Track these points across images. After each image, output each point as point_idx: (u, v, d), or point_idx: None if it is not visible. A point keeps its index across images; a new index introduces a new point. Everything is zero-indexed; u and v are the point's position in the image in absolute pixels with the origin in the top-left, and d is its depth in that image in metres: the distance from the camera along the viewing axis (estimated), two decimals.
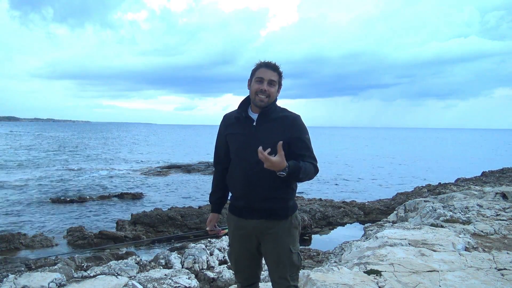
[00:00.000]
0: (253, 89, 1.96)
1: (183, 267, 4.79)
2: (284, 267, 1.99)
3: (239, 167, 2.01)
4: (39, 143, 46.45)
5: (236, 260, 2.16)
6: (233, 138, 2.04)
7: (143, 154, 35.01)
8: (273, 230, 1.98)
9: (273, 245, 2.00)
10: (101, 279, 3.51)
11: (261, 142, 1.83)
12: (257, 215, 1.98)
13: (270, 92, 1.95)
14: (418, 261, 3.29)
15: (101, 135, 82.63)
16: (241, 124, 2.02)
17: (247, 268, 2.16)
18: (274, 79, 1.97)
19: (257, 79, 1.96)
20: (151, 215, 9.66)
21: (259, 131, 1.96)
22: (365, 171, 24.81)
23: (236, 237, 2.11)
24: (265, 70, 1.96)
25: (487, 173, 16.59)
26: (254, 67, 2.01)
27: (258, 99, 1.95)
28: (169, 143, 56.64)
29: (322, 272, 3.08)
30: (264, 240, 2.01)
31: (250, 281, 2.19)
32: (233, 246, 2.16)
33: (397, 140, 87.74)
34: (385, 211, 11.04)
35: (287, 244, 2.00)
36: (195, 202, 13.27)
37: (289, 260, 1.99)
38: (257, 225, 1.99)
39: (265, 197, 1.95)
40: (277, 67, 1.98)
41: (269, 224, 1.98)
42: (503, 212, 5.51)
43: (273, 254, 2.01)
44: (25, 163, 24.90)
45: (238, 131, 2.02)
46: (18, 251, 7.89)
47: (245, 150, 1.96)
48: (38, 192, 14.79)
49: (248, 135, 1.97)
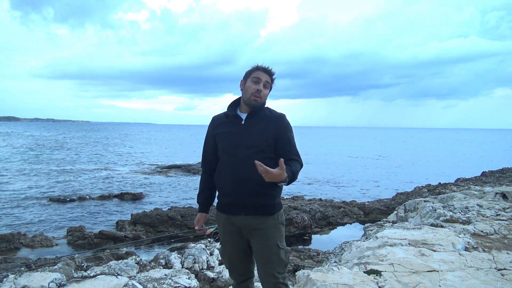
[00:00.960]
0: (250, 89, 2.07)
1: (183, 267, 4.79)
2: (272, 263, 2.04)
3: (228, 164, 2.07)
4: (39, 143, 46.44)
5: (229, 257, 2.21)
6: (222, 137, 2.12)
7: (143, 154, 35.02)
8: (261, 226, 2.04)
9: (261, 241, 2.05)
10: (101, 279, 3.51)
11: (250, 139, 2.00)
12: (246, 211, 2.04)
13: (263, 93, 2.08)
14: (418, 261, 3.29)
15: (101, 134, 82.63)
16: (231, 122, 2.11)
17: (240, 264, 2.21)
18: (269, 81, 2.12)
19: (254, 79, 2.08)
20: (151, 215, 9.66)
21: (248, 129, 2.06)
22: (365, 171, 24.81)
23: (227, 235, 2.16)
24: (262, 73, 2.09)
25: (487, 173, 16.59)
26: (250, 69, 2.13)
27: (253, 99, 2.06)
28: (169, 143, 56.64)
29: (322, 272, 3.08)
30: (253, 237, 2.07)
31: (245, 276, 2.24)
32: (225, 243, 2.20)
33: (397, 140, 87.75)
34: (385, 211, 11.04)
35: (275, 240, 2.06)
36: (195, 202, 13.24)
37: (277, 256, 2.05)
38: (246, 221, 2.05)
39: (254, 193, 2.01)
40: (273, 72, 2.12)
41: (257, 220, 2.04)
42: (503, 212, 5.51)
43: (261, 250, 2.06)
44: (25, 163, 24.91)
45: (227, 130, 2.11)
46: (18, 251, 7.89)
47: (234, 147, 2.05)
48: (38, 192, 14.79)
49: (237, 133, 2.06)
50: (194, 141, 60.17)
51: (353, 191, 16.98)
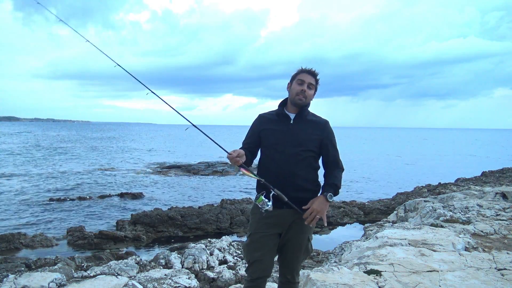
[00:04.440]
0: (295, 90, 2.22)
1: (183, 267, 4.79)
2: (299, 253, 2.24)
3: (275, 159, 2.19)
4: (39, 143, 46.45)
5: (257, 249, 2.21)
6: (270, 133, 2.24)
7: (143, 154, 35.01)
8: (300, 220, 2.15)
9: (297, 233, 2.21)
10: (101, 279, 3.51)
11: (297, 138, 2.16)
12: (288, 205, 2.13)
13: (308, 93, 2.21)
14: (418, 261, 3.29)
15: (101, 134, 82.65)
16: (280, 121, 2.25)
17: (265, 258, 2.22)
18: (313, 83, 2.24)
19: (298, 81, 2.22)
20: (151, 215, 9.65)
21: (296, 128, 2.21)
22: (365, 171, 24.81)
23: (263, 226, 2.21)
24: (306, 74, 2.23)
25: (487, 173, 16.60)
26: (295, 72, 2.27)
27: (297, 99, 2.20)
28: (169, 143, 56.65)
29: (322, 272, 3.08)
30: (290, 228, 2.20)
31: (264, 272, 2.25)
32: (257, 234, 2.22)
33: (397, 140, 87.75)
34: (385, 211, 11.05)
35: (308, 233, 2.24)
36: (195, 202, 13.27)
37: (306, 248, 2.26)
38: (287, 215, 2.16)
39: (298, 187, 2.15)
40: (316, 74, 2.26)
41: (297, 214, 2.14)
42: (503, 212, 5.51)
43: (295, 240, 2.22)
44: (25, 162, 24.92)
45: (275, 127, 2.24)
46: (18, 251, 7.89)
47: (282, 143, 2.18)
48: (38, 192, 14.78)
49: (285, 131, 2.21)
50: (194, 141, 60.18)
51: (353, 191, 16.98)
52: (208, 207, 10.82)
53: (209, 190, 16.48)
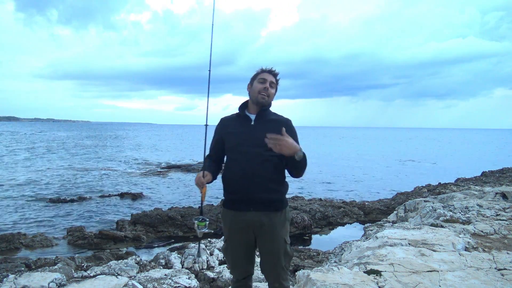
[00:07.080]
0: (256, 88, 2.21)
1: (183, 267, 4.80)
2: (279, 257, 2.16)
3: (238, 161, 2.16)
4: (39, 143, 46.43)
5: (234, 254, 2.26)
6: (232, 136, 2.22)
7: (143, 154, 35.01)
8: (270, 223, 2.12)
9: (270, 237, 2.14)
10: (101, 279, 3.51)
11: (260, 138, 2.05)
12: (255, 207, 2.10)
13: (270, 92, 2.21)
14: (418, 261, 3.29)
15: (101, 134, 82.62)
16: (241, 122, 2.24)
17: (244, 261, 2.27)
18: (274, 82, 2.26)
19: (260, 80, 2.22)
20: (151, 215, 9.66)
21: (257, 129, 2.17)
22: (365, 171, 24.80)
23: (234, 231, 2.20)
24: (267, 74, 2.24)
25: (487, 173, 16.59)
26: (256, 72, 2.27)
27: (260, 97, 2.19)
28: (169, 143, 56.63)
29: (322, 272, 3.08)
30: (261, 232, 2.14)
31: (247, 273, 2.32)
32: (231, 240, 2.25)
33: (397, 140, 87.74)
34: (385, 211, 11.04)
35: (283, 236, 2.17)
36: (195, 202, 13.27)
37: (284, 251, 2.18)
38: (255, 218, 2.12)
39: (263, 188, 2.11)
40: (277, 73, 2.26)
41: (266, 216, 2.11)
42: (503, 212, 5.51)
43: (270, 245, 2.16)
44: (25, 162, 24.91)
45: (237, 130, 2.22)
46: (18, 251, 7.88)
47: (244, 144, 2.15)
48: (38, 192, 14.79)
49: (247, 132, 2.18)
50: (194, 141, 60.17)
51: (353, 191, 16.98)
52: (208, 206, 10.82)
53: (209, 190, 16.46)
